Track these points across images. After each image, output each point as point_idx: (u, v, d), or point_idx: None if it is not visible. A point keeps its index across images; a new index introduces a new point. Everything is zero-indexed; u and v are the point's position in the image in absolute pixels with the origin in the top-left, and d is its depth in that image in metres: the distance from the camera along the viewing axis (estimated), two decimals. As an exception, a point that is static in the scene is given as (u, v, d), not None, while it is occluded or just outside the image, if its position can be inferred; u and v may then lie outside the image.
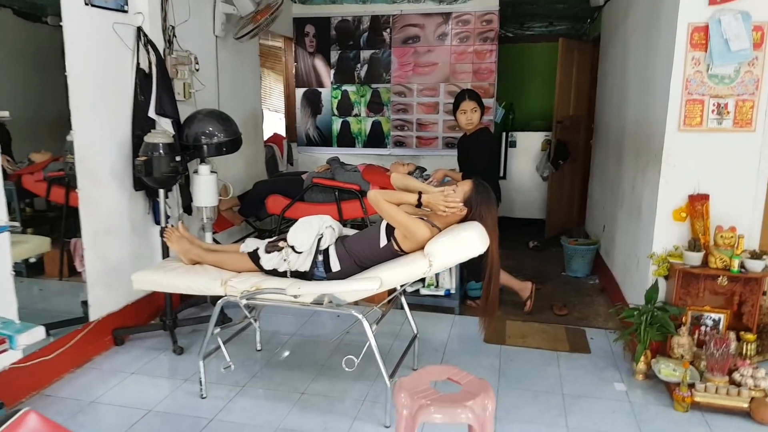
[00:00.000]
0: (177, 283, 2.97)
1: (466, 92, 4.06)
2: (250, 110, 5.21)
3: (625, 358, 3.45)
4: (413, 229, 2.66)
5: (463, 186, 2.74)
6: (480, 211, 2.67)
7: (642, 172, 3.66)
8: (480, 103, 4.02)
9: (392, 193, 2.78)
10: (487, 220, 2.67)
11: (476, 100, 4.01)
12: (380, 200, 2.69)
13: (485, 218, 2.67)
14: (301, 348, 3.60)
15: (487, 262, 2.69)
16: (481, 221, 2.67)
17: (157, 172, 3.42)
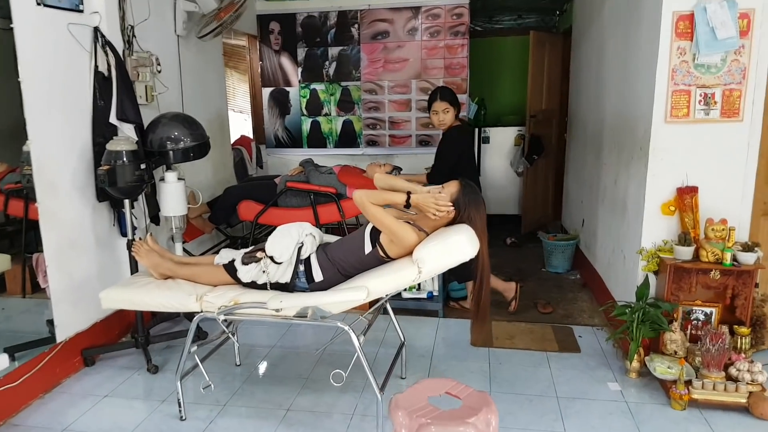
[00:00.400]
0: (149, 300, 2.79)
1: (438, 91, 3.94)
2: (216, 112, 5.00)
3: (617, 356, 3.38)
4: (401, 234, 2.52)
5: (450, 187, 2.61)
6: (469, 213, 2.55)
7: (626, 166, 3.58)
8: (453, 102, 3.90)
9: (379, 194, 2.63)
10: (476, 223, 2.54)
11: (448, 99, 3.89)
12: (366, 202, 2.54)
13: (474, 220, 2.55)
14: (282, 361, 3.44)
15: (477, 266, 2.57)
16: (470, 224, 2.54)
17: (121, 181, 3.21)
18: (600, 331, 3.76)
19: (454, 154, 3.89)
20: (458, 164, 3.88)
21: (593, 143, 4.53)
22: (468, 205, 2.55)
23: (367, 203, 2.53)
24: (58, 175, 3.20)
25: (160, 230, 3.98)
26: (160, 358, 3.48)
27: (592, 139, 4.57)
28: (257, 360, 3.45)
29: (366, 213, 2.56)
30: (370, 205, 2.53)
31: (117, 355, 3.53)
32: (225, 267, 2.85)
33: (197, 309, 2.72)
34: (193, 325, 2.75)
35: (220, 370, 3.32)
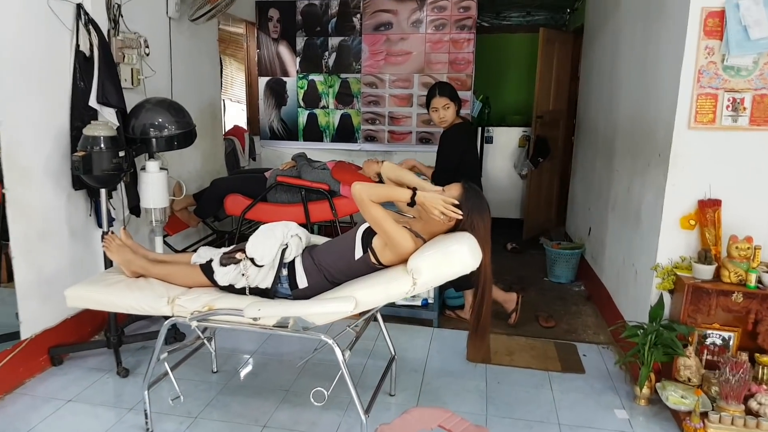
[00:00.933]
0: (117, 300, 2.54)
1: (437, 87, 3.68)
2: (208, 100, 4.75)
3: (625, 379, 3.13)
4: (397, 240, 2.27)
5: (452, 190, 2.36)
6: (472, 220, 2.29)
7: (641, 173, 3.34)
8: (453, 97, 3.64)
9: (380, 189, 2.35)
10: (479, 231, 2.29)
11: (448, 95, 3.64)
12: (365, 199, 2.25)
13: (477, 228, 2.29)
14: (263, 369, 3.19)
15: (478, 278, 2.32)
16: (472, 232, 2.29)
17: (97, 169, 2.97)
18: (606, 350, 3.52)
19: (455, 153, 3.64)
20: (460, 165, 3.64)
21: (604, 148, 4.28)
22: (471, 211, 2.30)
23: (366, 200, 2.25)
24: (31, 161, 2.97)
25: (140, 222, 3.74)
26: (132, 360, 3.24)
27: (603, 143, 4.32)
28: (235, 367, 3.20)
29: (363, 211, 2.29)
30: (369, 203, 2.26)
31: (87, 355, 3.29)
32: (202, 267, 2.61)
33: (168, 313, 2.48)
34: (163, 330, 2.51)
35: (195, 376, 3.08)
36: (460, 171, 3.62)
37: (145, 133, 3.30)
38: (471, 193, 2.33)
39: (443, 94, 3.61)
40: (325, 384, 2.41)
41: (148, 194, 3.35)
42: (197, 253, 2.75)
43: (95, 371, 3.14)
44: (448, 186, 2.38)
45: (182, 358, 2.88)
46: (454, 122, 3.68)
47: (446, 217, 2.27)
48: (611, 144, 4.07)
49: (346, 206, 3.87)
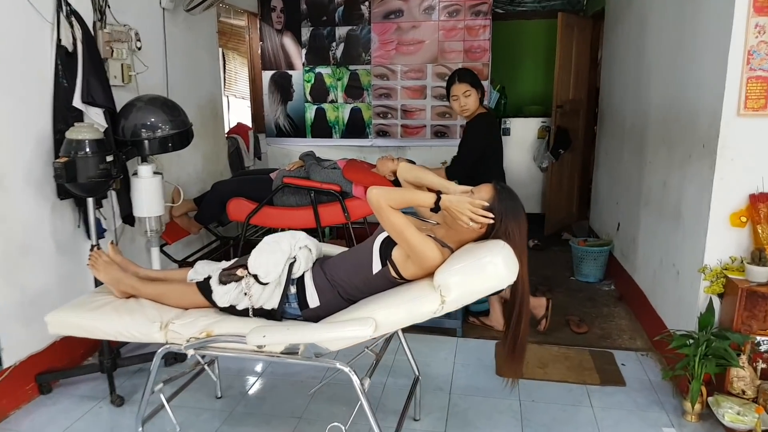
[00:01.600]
0: (103, 326, 2.26)
1: (456, 74, 3.37)
2: (208, 96, 4.46)
3: (672, 393, 2.83)
4: (421, 251, 1.97)
5: (482, 191, 2.05)
6: (506, 226, 1.99)
7: (680, 166, 3.02)
8: (474, 84, 3.33)
9: (400, 193, 2.07)
10: (515, 239, 1.99)
11: (469, 81, 3.32)
12: (383, 205, 1.96)
13: (512, 236, 1.99)
14: (272, 393, 2.91)
15: (515, 291, 2.02)
16: (507, 239, 1.98)
17: (82, 176, 2.69)
18: (646, 357, 3.22)
19: (479, 146, 3.33)
20: (483, 159, 3.33)
21: (633, 138, 3.96)
22: (505, 216, 1.99)
23: (385, 206, 1.96)
24: (9, 167, 2.70)
25: (135, 232, 3.46)
26: (129, 385, 2.97)
27: (632, 133, 4.00)
28: (242, 391, 2.92)
29: (382, 219, 2.00)
30: (388, 210, 1.96)
31: (79, 381, 3.02)
32: (198, 286, 2.32)
33: (161, 340, 2.19)
34: (156, 360, 2.22)
35: (196, 403, 2.80)
36: (483, 167, 3.32)
37: (136, 135, 3.01)
38: (504, 194, 2.02)
39: (463, 80, 3.30)
40: (341, 409, 2.14)
41: (141, 202, 3.07)
42: (194, 269, 2.46)
43: (88, 400, 2.86)
44: (477, 187, 2.08)
45: (181, 386, 2.60)
46: (477, 112, 3.37)
47: (476, 224, 1.96)
48: (641, 134, 3.74)
49: (360, 208, 3.57)
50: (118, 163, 2.85)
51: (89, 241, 3.04)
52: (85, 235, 3.15)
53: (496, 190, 2.02)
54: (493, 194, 2.01)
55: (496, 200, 2.00)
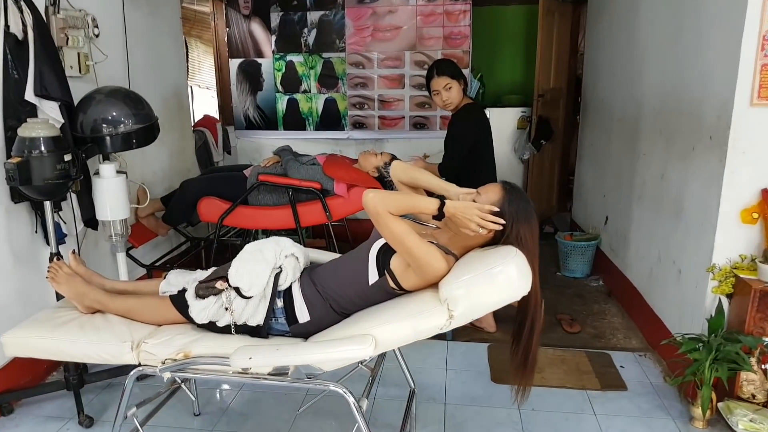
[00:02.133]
0: (67, 347, 2.01)
1: (435, 66, 3.17)
2: (172, 88, 4.17)
3: (676, 396, 2.71)
4: (426, 260, 1.77)
5: (489, 192, 1.85)
6: (518, 230, 1.80)
7: (681, 158, 2.88)
8: (455, 75, 3.13)
9: (400, 198, 1.87)
10: (527, 245, 1.80)
11: (448, 73, 3.13)
12: (381, 211, 1.75)
13: (525, 241, 1.80)
14: (255, 409, 2.69)
15: (526, 303, 1.84)
16: (518, 245, 1.79)
17: (37, 178, 2.43)
18: (644, 358, 3.09)
19: (469, 139, 3.15)
20: (474, 153, 3.15)
21: (623, 129, 3.82)
22: (516, 219, 1.80)
23: (383, 212, 1.75)
24: (-47, 170, 2.42)
25: (99, 236, 3.19)
26: (98, 403, 2.74)
27: (622, 124, 3.86)
28: (221, 407, 2.70)
29: (379, 225, 1.79)
30: (387, 216, 1.75)
31: (43, 400, 2.76)
32: (173, 300, 2.08)
33: (132, 361, 1.96)
34: (129, 383, 1.99)
35: (173, 422, 2.58)
36: (474, 160, 3.14)
37: (96, 131, 2.74)
38: (514, 195, 1.83)
39: (442, 73, 3.11)
40: (330, 424, 1.95)
41: (104, 204, 2.82)
42: (166, 280, 2.22)
43: (53, 420, 2.62)
44: (483, 188, 1.88)
45: (156, 407, 2.36)
46: (462, 104, 3.18)
47: (485, 231, 1.77)
48: (633, 125, 3.60)
49: (341, 207, 3.35)
50: (77, 162, 2.58)
51: (49, 248, 2.77)
52: (43, 241, 2.87)
53: (504, 191, 1.83)
54: (501, 195, 1.82)
55: (505, 202, 1.81)
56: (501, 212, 1.79)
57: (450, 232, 1.92)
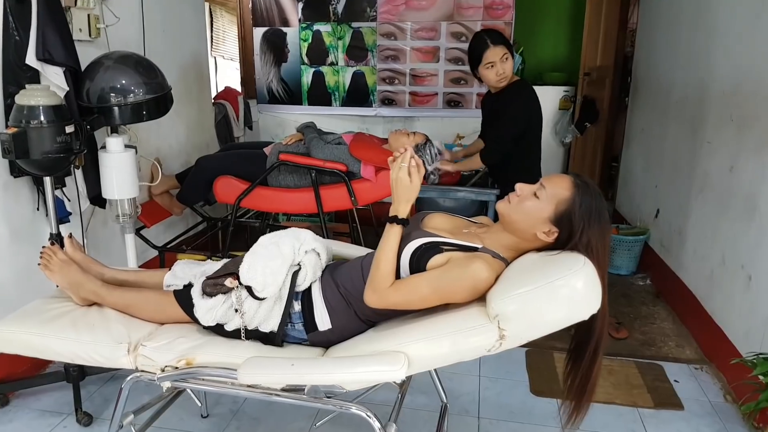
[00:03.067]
0: (56, 345, 1.78)
1: (486, 35, 2.82)
2: (191, 56, 3.89)
3: (743, 421, 2.39)
4: (472, 283, 1.51)
5: (556, 185, 1.53)
6: (588, 236, 1.49)
7: (757, 150, 2.54)
8: (510, 47, 2.82)
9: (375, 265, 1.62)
10: (597, 254, 1.49)
11: (505, 43, 2.81)
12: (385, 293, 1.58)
13: (595, 250, 1.49)
14: (268, 412, 2.44)
15: (591, 325, 1.53)
16: (588, 254, 1.48)
17: (36, 151, 2.18)
18: (701, 372, 2.78)
19: (522, 120, 2.84)
20: (525, 135, 2.85)
21: (683, 113, 3.45)
22: (588, 223, 1.49)
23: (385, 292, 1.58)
24: (-56, 140, 2.17)
25: (107, 215, 2.95)
26: (98, 398, 2.52)
27: (682, 107, 3.49)
28: (231, 409, 2.45)
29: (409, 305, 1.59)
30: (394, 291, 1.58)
31: (41, 392, 2.55)
32: (177, 296, 1.82)
33: (128, 365, 1.72)
34: (125, 389, 1.75)
35: (178, 424, 2.35)
36: (523, 145, 2.84)
37: (103, 100, 2.50)
38: (586, 191, 1.52)
39: (499, 42, 2.77)
40: None
41: (111, 181, 2.56)
42: (172, 272, 1.97)
43: (50, 416, 2.41)
44: (549, 178, 1.57)
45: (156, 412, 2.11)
46: (511, 80, 2.86)
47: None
48: (697, 109, 3.24)
49: (368, 192, 3.04)
50: (81, 134, 2.32)
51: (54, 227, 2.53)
52: (46, 219, 2.64)
53: (575, 187, 1.52)
54: (572, 192, 1.51)
55: (575, 200, 1.50)
56: (568, 212, 1.49)
57: (499, 232, 1.63)
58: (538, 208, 1.52)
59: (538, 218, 1.53)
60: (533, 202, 1.53)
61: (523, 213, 1.55)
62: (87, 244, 2.75)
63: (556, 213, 1.50)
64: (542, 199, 1.52)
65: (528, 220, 1.54)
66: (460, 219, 1.83)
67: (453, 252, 1.59)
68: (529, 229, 1.55)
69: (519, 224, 1.56)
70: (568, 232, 1.49)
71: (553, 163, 5.33)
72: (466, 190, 3.09)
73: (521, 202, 1.55)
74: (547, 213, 1.51)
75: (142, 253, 3.19)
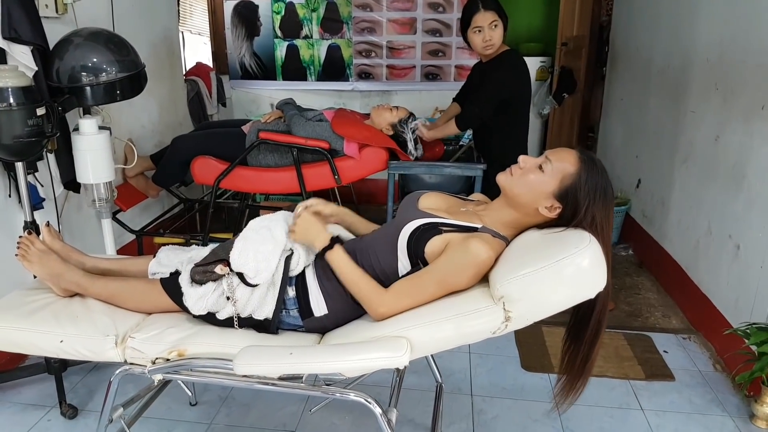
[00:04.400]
0: (39, 340, 1.70)
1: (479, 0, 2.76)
2: (162, 31, 3.74)
3: (734, 390, 2.42)
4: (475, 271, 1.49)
5: (562, 159, 1.49)
6: (592, 213, 1.46)
7: (744, 119, 2.53)
8: (502, 14, 2.75)
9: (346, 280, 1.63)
10: (604, 233, 1.45)
11: (495, 8, 2.72)
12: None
13: (601, 228, 1.46)
14: (258, 398, 2.39)
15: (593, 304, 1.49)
16: (593, 232, 1.45)
17: (6, 136, 2.09)
18: (688, 342, 2.80)
19: (505, 89, 2.76)
20: (512, 103, 2.79)
21: (665, 82, 3.44)
22: (593, 200, 1.45)
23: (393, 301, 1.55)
24: None
25: (82, 200, 2.85)
26: (82, 389, 2.44)
27: (664, 76, 3.48)
28: (221, 396, 2.40)
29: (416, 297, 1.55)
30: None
31: (22, 384, 2.46)
32: (164, 284, 1.75)
33: (116, 358, 1.65)
34: (114, 382, 1.68)
35: (166, 413, 2.29)
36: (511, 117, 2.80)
37: (74, 80, 2.38)
38: (590, 167, 1.47)
39: (489, 8, 2.69)
40: (343, 418, 1.67)
41: (86, 165, 2.46)
42: (157, 259, 1.89)
43: (33, 409, 2.32)
44: (554, 152, 1.53)
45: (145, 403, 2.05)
46: (500, 50, 2.80)
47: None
48: (679, 78, 3.22)
49: (352, 169, 2.97)
50: (53, 117, 2.22)
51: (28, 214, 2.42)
52: (18, 206, 2.52)
53: (581, 162, 1.47)
54: (577, 167, 1.47)
55: (581, 175, 1.46)
56: (573, 187, 1.45)
57: (500, 208, 1.59)
58: (542, 181, 1.48)
59: (541, 192, 1.49)
60: (537, 175, 1.49)
61: (526, 186, 1.50)
62: (62, 230, 2.65)
63: (560, 188, 1.46)
64: (547, 173, 1.48)
65: (531, 194, 1.50)
66: (456, 198, 1.79)
67: (451, 234, 1.54)
68: (531, 203, 1.51)
69: (521, 198, 1.52)
70: (573, 208, 1.46)
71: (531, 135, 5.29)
72: (452, 165, 3.03)
73: (524, 174, 1.51)
74: (551, 187, 1.47)
75: (118, 237, 3.08)
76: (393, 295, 1.53)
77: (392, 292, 1.54)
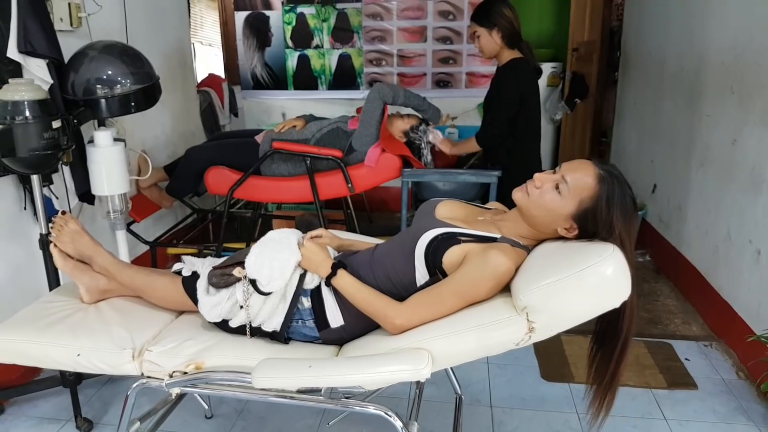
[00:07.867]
0: (56, 353, 1.69)
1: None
2: (175, 42, 3.76)
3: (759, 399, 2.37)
4: (494, 284, 1.47)
5: (577, 172, 1.46)
6: (614, 229, 1.42)
7: (763, 122, 2.49)
8: (483, 22, 2.73)
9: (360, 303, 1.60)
10: (624, 242, 1.42)
11: (475, 19, 2.76)
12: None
13: (621, 239, 1.42)
14: (275, 410, 2.37)
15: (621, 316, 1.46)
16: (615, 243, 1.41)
17: (22, 149, 2.07)
18: (710, 349, 2.76)
19: (514, 101, 2.75)
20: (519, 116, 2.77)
21: (679, 86, 3.41)
22: (616, 215, 1.42)
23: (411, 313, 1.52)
24: None
25: (96, 212, 2.85)
26: (98, 403, 2.43)
27: (677, 80, 3.44)
28: (236, 408, 2.38)
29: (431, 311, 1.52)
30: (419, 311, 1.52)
31: (37, 398, 2.46)
32: (184, 283, 1.76)
33: (133, 372, 1.64)
34: (131, 396, 1.67)
35: (182, 426, 2.28)
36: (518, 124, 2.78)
37: (89, 93, 2.38)
38: (611, 180, 1.44)
39: (472, 18, 2.79)
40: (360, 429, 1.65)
41: (101, 177, 2.45)
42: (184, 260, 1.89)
43: (48, 423, 2.32)
44: (569, 165, 1.50)
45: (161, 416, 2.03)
46: (509, 57, 2.78)
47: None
48: (693, 81, 3.19)
49: (365, 178, 2.96)
50: (68, 129, 2.22)
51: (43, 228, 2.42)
52: (33, 218, 2.53)
53: (600, 181, 1.43)
54: (595, 178, 1.44)
55: (601, 190, 1.43)
56: (593, 209, 1.42)
57: (517, 221, 1.56)
58: (560, 204, 1.45)
59: (559, 215, 1.46)
60: (553, 197, 1.46)
61: (544, 209, 1.47)
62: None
63: (579, 210, 1.44)
64: (564, 195, 1.44)
65: (548, 216, 1.48)
66: (473, 206, 1.76)
67: (470, 244, 1.52)
68: (549, 224, 1.49)
69: (538, 219, 1.50)
70: (593, 229, 1.43)
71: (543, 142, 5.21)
72: (466, 172, 3.01)
73: (541, 196, 1.47)
74: (568, 210, 1.45)
75: (132, 248, 3.09)
76: (410, 306, 1.51)
77: (409, 303, 1.52)
